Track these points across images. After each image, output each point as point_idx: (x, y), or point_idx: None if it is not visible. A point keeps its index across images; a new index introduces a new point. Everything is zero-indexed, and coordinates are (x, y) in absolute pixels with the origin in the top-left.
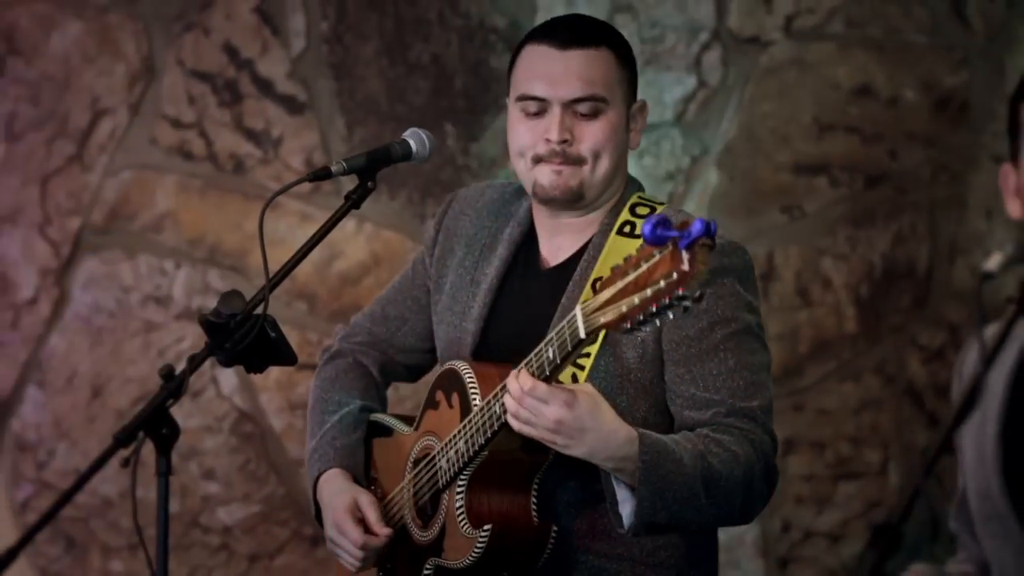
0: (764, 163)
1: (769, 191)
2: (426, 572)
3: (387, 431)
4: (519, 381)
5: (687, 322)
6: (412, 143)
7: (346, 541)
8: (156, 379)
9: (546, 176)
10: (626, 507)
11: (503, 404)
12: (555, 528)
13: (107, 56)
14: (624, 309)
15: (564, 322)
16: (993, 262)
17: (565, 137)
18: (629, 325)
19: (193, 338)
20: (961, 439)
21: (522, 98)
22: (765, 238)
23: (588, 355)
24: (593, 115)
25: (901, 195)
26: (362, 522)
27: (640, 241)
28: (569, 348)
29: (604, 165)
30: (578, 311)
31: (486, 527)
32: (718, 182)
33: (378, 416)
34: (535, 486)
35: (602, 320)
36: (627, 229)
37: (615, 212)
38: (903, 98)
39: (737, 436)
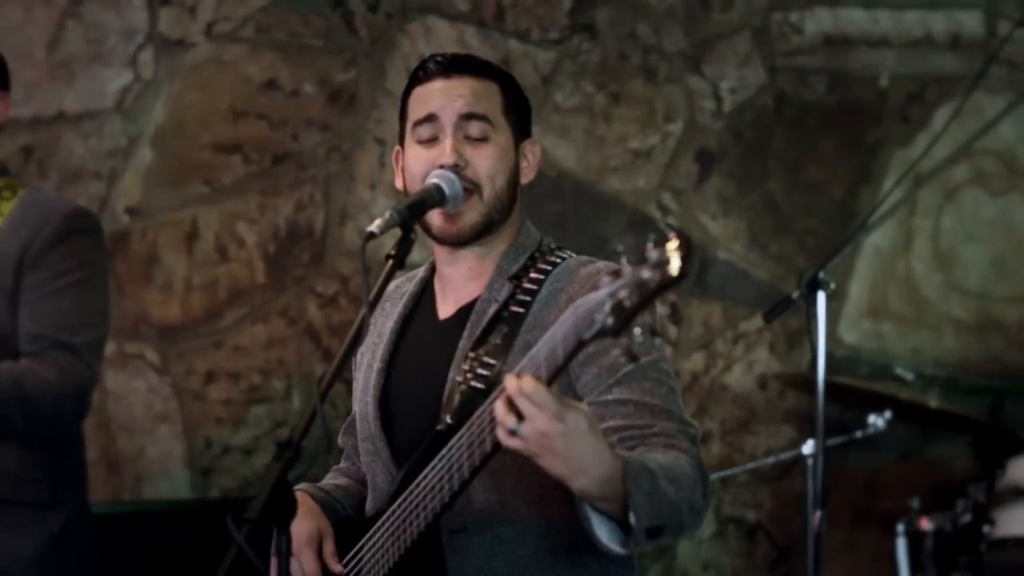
0: (189, 144)
1: (194, 166)
2: None
3: None
4: None
5: (39, 272)
6: None
7: None
8: None
9: None
10: None
11: None
12: None
13: None
14: None
15: None
16: (375, 225)
17: None
18: None
19: None
20: (357, 371)
21: None
22: (191, 206)
23: None
24: None
25: (302, 170)
26: None
27: None
28: None
29: None
30: None
31: None
32: (151, 159)
33: None
34: None
35: None
36: None
37: None
38: (303, 91)
39: (50, 366)
